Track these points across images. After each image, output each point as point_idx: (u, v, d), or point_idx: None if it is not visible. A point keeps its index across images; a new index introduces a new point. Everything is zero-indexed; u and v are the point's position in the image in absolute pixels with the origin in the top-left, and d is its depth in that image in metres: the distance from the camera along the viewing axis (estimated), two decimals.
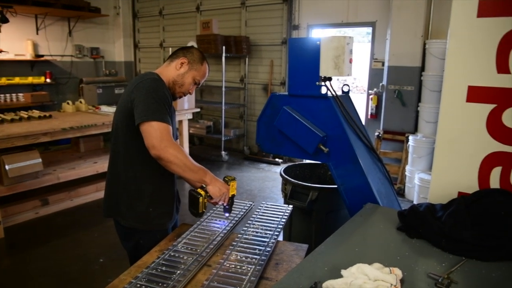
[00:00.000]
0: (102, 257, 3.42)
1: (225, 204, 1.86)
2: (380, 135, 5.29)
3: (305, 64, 2.17)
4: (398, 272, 1.30)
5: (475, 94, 1.78)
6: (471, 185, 1.83)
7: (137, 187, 1.83)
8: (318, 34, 6.37)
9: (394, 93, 5.13)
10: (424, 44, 4.88)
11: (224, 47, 6.33)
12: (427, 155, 4.70)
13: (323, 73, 2.13)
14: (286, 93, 2.32)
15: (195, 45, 6.64)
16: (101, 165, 4.69)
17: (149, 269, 1.52)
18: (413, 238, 1.66)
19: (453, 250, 1.54)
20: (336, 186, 2.24)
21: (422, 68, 4.95)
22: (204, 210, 1.77)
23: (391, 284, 1.23)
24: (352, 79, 13.89)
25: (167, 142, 1.63)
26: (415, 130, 5.12)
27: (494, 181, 1.79)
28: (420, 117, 4.98)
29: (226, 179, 1.86)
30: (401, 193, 5.05)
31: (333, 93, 2.17)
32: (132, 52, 8.92)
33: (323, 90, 2.15)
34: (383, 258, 1.44)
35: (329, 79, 2.15)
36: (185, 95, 1.96)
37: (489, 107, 1.75)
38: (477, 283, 1.36)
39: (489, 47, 1.72)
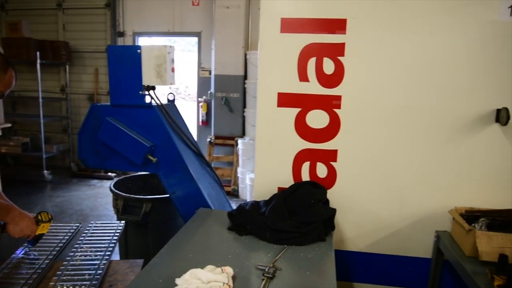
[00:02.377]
0: None
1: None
2: (212, 140, 5.52)
3: (127, 73, 2.10)
4: (229, 270, 1.38)
5: (284, 100, 2.02)
6: (288, 180, 2.08)
7: None
8: (145, 42, 6.27)
9: (222, 100, 5.42)
10: (245, 55, 5.31)
11: (38, 53, 5.65)
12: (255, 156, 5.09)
13: (146, 82, 2.10)
14: (109, 103, 2.21)
15: (1, 49, 5.73)
16: None
17: None
18: (242, 235, 1.79)
19: (276, 240, 1.72)
20: (169, 195, 2.23)
21: (245, 76, 5.36)
22: None
23: (223, 283, 1.30)
24: (185, 87, 14.09)
25: None
26: (243, 134, 5.50)
27: (305, 174, 2.08)
28: (247, 121, 5.39)
29: (39, 217, 1.69)
30: (235, 194, 5.36)
31: (158, 102, 2.17)
32: None
33: (147, 99, 2.12)
34: (216, 259, 1.51)
35: (153, 88, 2.14)
36: None
37: (296, 110, 2.02)
38: (298, 266, 1.55)
39: (292, 59, 1.99)
